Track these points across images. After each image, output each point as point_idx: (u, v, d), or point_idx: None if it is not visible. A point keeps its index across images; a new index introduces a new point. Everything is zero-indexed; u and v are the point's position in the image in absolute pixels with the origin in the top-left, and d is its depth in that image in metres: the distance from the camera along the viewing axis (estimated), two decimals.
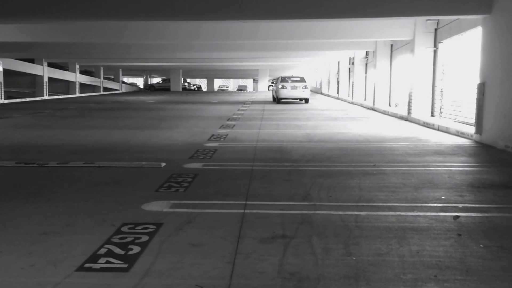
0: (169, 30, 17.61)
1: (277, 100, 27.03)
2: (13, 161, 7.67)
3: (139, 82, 76.87)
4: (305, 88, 26.58)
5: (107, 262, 3.48)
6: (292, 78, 27.49)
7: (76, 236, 4.05)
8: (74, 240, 3.95)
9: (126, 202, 5.17)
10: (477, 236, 4.09)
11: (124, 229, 4.22)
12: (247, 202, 5.15)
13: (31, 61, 33.78)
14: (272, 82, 33.51)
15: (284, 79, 27.22)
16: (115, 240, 3.94)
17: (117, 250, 3.70)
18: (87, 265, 3.43)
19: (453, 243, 3.92)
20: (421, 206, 5.06)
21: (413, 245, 3.85)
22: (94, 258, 3.55)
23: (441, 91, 15.11)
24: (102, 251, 3.69)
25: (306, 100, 26.91)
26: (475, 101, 10.74)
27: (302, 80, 27.21)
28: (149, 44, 24.27)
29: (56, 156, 8.22)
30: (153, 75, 71.38)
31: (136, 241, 3.91)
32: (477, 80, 10.62)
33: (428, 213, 4.78)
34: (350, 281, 3.16)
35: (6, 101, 27.79)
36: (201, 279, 3.20)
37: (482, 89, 10.30)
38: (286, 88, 26.35)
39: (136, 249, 3.73)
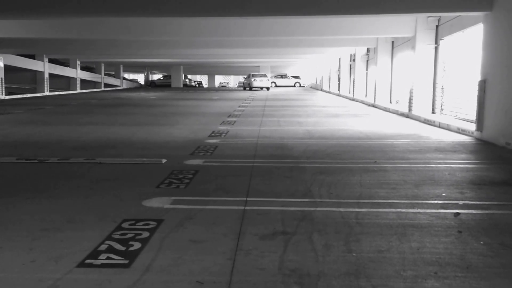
0: (170, 27, 17.57)
1: (249, 88, 42.98)
2: (14, 157, 7.68)
3: (140, 78, 76.91)
4: (268, 81, 43.52)
5: (108, 258, 3.49)
6: (259, 74, 44.56)
7: (77, 232, 4.05)
8: (75, 236, 3.96)
9: (127, 198, 5.18)
10: (478, 233, 4.09)
11: (125, 225, 4.22)
12: (248, 199, 5.15)
13: (32, 57, 33.73)
14: (243, 77, 51.06)
15: (254, 75, 43.82)
16: (116, 236, 3.94)
17: (118, 246, 3.71)
18: (88, 261, 3.43)
19: (453, 240, 3.92)
20: (422, 203, 5.06)
21: (414, 242, 3.85)
22: (95, 254, 3.56)
23: (442, 88, 15.09)
24: (103, 247, 3.70)
25: (268, 88, 42.76)
26: (476, 98, 10.73)
27: (265, 76, 44.56)
28: (150, 40, 24.22)
29: (57, 152, 8.23)
30: (154, 71, 71.35)
31: (137, 237, 3.92)
32: (478, 77, 10.61)
33: (429, 210, 4.78)
34: (351, 278, 3.17)
35: (7, 97, 27.79)
36: (201, 275, 3.20)
37: (483, 86, 10.29)
38: (256, 80, 42.75)
39: (136, 245, 3.74)
